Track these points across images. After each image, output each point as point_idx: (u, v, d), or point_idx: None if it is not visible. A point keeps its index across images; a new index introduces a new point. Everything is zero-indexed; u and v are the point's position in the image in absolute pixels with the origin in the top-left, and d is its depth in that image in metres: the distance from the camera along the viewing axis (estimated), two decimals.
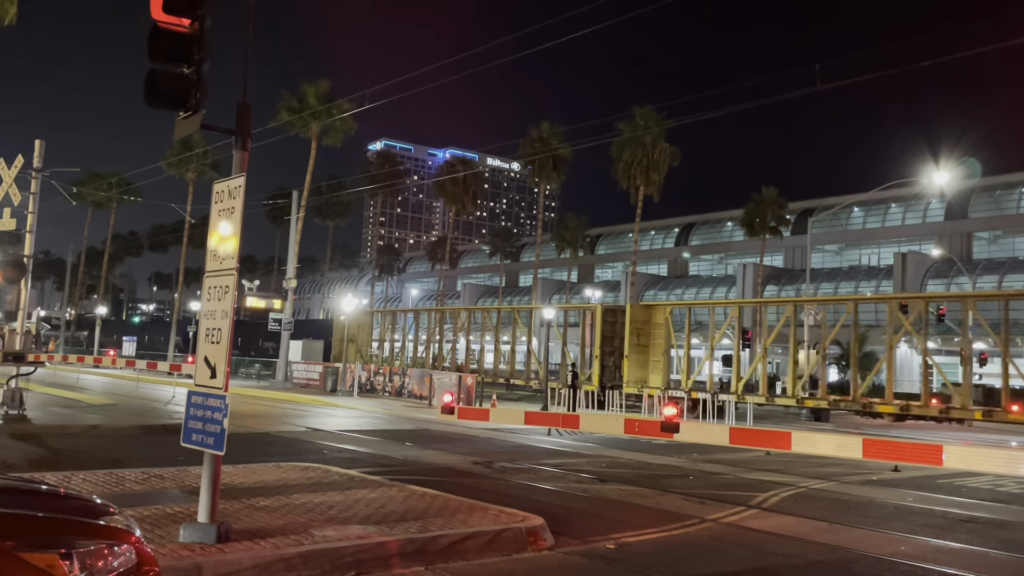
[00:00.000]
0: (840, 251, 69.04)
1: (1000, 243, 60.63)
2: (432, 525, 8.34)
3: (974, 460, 16.46)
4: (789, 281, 64.85)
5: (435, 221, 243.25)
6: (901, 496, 13.44)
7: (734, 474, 15.47)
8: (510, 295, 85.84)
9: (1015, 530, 10.86)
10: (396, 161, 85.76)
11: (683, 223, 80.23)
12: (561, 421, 22.22)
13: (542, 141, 57.04)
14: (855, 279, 62.72)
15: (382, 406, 30.45)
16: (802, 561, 8.51)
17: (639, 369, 31.99)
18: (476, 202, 74.15)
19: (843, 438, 19.48)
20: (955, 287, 53.41)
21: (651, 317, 32.64)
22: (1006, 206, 59.67)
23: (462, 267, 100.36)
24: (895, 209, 64.41)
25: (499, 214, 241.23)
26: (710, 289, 70.74)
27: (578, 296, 75.59)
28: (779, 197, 61.06)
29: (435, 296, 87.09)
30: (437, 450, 17.38)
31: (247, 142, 7.80)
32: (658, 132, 50.87)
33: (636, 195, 53.98)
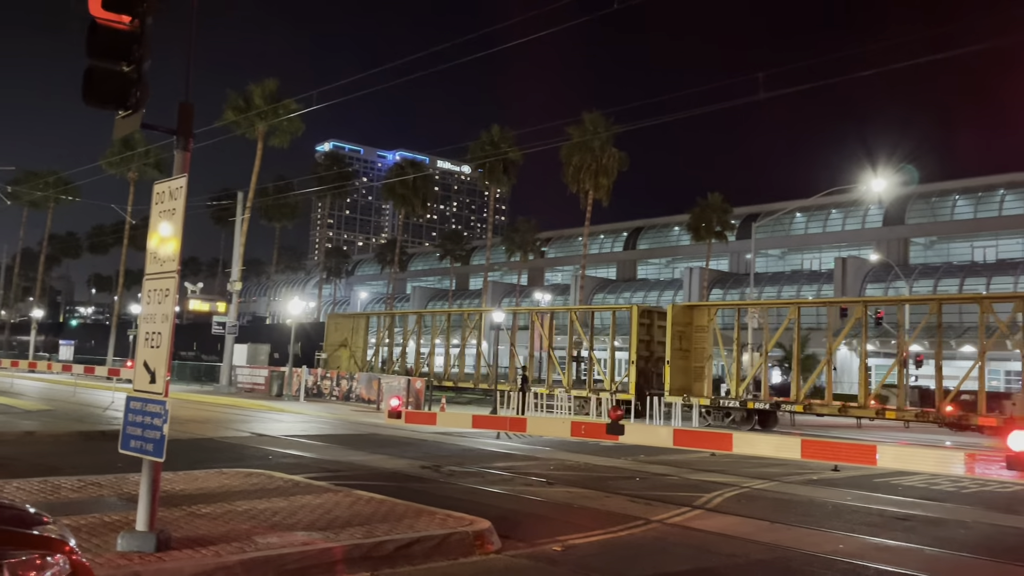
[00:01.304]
0: (783, 255, 70.55)
1: (935, 248, 62.64)
2: (378, 530, 8.28)
3: (908, 460, 16.98)
4: (734, 285, 66.02)
5: (384, 223, 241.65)
6: (840, 495, 13.78)
7: (679, 475, 15.68)
8: (460, 298, 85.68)
9: (949, 528, 11.21)
10: (345, 162, 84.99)
11: (632, 227, 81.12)
12: (509, 424, 22.30)
13: (493, 144, 57.12)
14: (797, 283, 64.15)
15: (329, 411, 30.11)
16: (744, 561, 8.67)
17: (682, 376, 29.06)
18: (426, 205, 73.86)
19: (782, 439, 19.94)
20: (892, 291, 55.01)
21: (692, 319, 29.75)
22: (941, 213, 61.71)
23: (412, 270, 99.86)
24: (836, 215, 66.08)
25: (449, 217, 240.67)
26: (657, 293, 71.61)
27: (528, 299, 75.85)
28: (724, 202, 62.22)
29: (384, 299, 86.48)
30: (385, 454, 17.26)
31: (189, 142, 7.66)
32: (607, 137, 51.39)
33: (585, 199, 54.41)
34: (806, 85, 46.48)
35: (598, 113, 52.20)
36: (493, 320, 37.02)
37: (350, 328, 43.56)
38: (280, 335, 49.86)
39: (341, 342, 42.95)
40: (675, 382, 28.65)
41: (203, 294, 58.83)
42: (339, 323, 44.60)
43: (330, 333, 43.33)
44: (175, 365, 48.30)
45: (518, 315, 41.13)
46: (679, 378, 28.80)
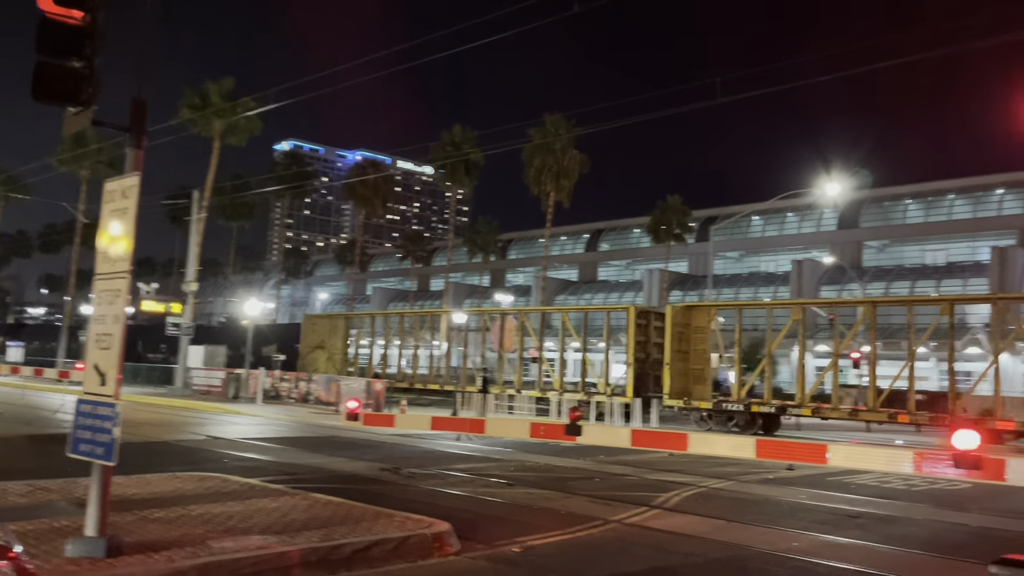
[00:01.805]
0: (741, 258, 71.54)
1: (888, 251, 64.03)
2: (336, 533, 8.20)
3: (858, 458, 17.34)
4: (693, 287, 66.75)
5: (345, 224, 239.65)
6: (795, 494, 14.00)
7: (638, 475, 15.80)
8: (421, 299, 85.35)
9: (900, 525, 11.46)
10: (304, 162, 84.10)
11: (593, 229, 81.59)
12: (468, 426, 22.27)
13: (454, 145, 57.01)
14: (755, 285, 65.08)
15: (287, 413, 29.77)
16: (701, 559, 8.76)
17: (681, 379, 28.00)
18: (387, 205, 73.47)
19: (737, 439, 20.23)
20: (847, 293, 56.08)
21: (691, 320, 28.71)
22: (893, 216, 63.11)
23: (372, 271, 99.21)
24: (792, 218, 67.19)
25: (411, 218, 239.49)
26: (618, 294, 72.10)
27: (489, 300, 75.85)
28: (683, 205, 62.94)
29: (344, 300, 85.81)
30: (344, 457, 17.11)
31: (142, 140, 7.52)
32: (568, 139, 51.64)
33: (547, 201, 54.62)
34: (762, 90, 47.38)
35: (559, 115, 52.46)
36: (454, 321, 36.91)
37: (328, 329, 41.84)
38: (237, 336, 49.13)
39: (317, 343, 41.43)
40: (674, 385, 27.67)
41: (158, 295, 57.77)
42: (316, 324, 42.97)
43: (306, 334, 41.68)
44: (129, 367, 47.30)
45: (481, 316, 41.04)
46: (678, 381, 27.82)
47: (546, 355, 36.00)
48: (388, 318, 42.24)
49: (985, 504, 13.80)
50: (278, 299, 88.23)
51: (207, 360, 43.18)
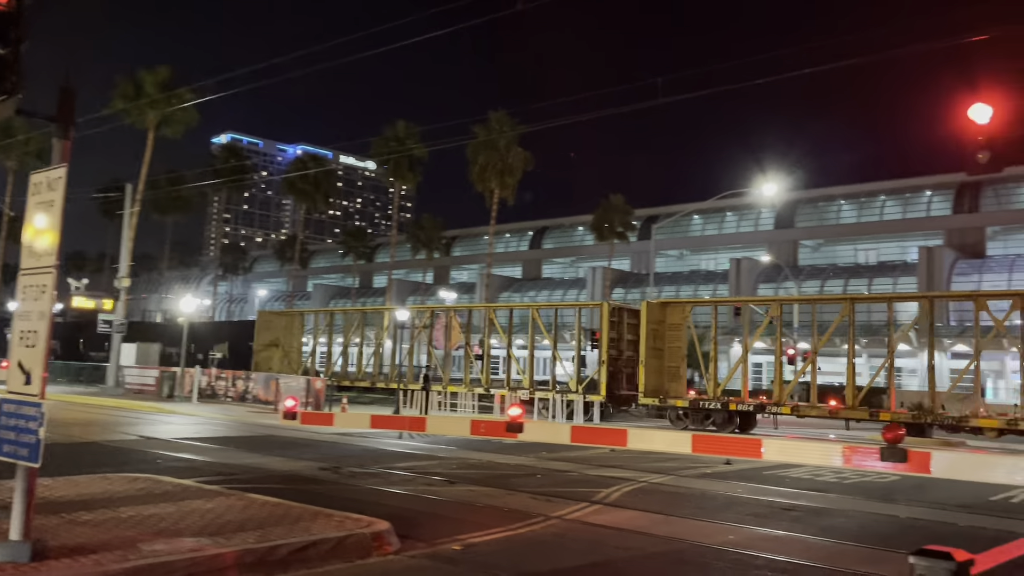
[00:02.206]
0: (682, 256, 72.68)
1: (822, 251, 65.82)
2: (272, 534, 8.06)
3: (791, 453, 17.79)
4: (635, 284, 67.56)
5: (285, 219, 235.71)
6: (732, 488, 14.28)
7: (580, 471, 15.91)
8: (364, 296, 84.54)
9: (831, 516, 11.78)
10: (242, 155, 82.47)
11: (537, 227, 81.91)
12: (408, 424, 22.15)
13: (398, 141, 56.56)
14: (695, 283, 66.21)
15: (224, 412, 29.16)
16: (640, 554, 8.87)
17: (656, 377, 27.47)
18: (328, 200, 72.47)
19: (675, 435, 20.55)
20: (783, 291, 57.44)
21: (665, 317, 28.16)
22: (827, 217, 64.89)
23: (313, 267, 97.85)
24: (731, 217, 68.54)
25: (353, 213, 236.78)
26: (562, 292, 72.55)
27: (434, 298, 75.53)
28: (626, 204, 63.63)
29: (284, 297, 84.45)
30: (282, 456, 16.83)
31: (70, 130, 7.26)
32: (512, 137, 51.74)
33: (491, 198, 54.66)
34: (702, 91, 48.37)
35: (503, 112, 52.56)
36: (397, 318, 36.64)
37: (283, 327, 40.66)
38: (172, 334, 47.87)
39: (272, 341, 39.85)
40: (649, 383, 27.17)
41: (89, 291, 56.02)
42: (270, 321, 41.50)
43: (260, 332, 40.04)
44: (58, 365, 45.71)
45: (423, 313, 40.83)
46: (653, 379, 27.32)
47: (493, 352, 36.02)
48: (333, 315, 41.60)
49: (912, 496, 14.28)
50: (215, 296, 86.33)
51: (140, 358, 42.04)
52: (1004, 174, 40.38)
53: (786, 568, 8.31)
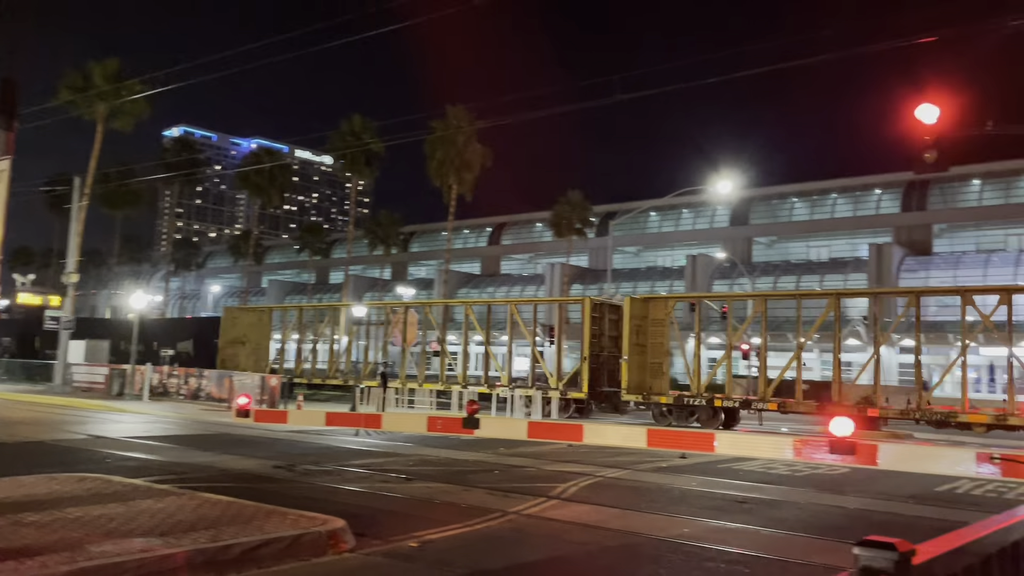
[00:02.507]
0: (639, 252, 73.30)
1: (776, 247, 66.92)
2: (225, 533, 7.93)
3: (743, 447, 18.07)
4: (593, 280, 67.95)
5: (239, 214, 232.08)
6: (687, 481, 14.46)
7: (537, 467, 15.96)
8: (320, 292, 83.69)
9: (783, 509, 12.00)
10: (195, 148, 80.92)
11: (495, 223, 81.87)
12: (364, 421, 22.00)
13: (354, 135, 56.09)
14: (652, 279, 66.84)
15: (176, 410, 28.65)
16: (596, 547, 8.93)
17: (639, 373, 27.23)
18: (284, 195, 71.62)
19: (630, 429, 20.73)
20: (737, 287, 58.29)
21: (648, 312, 27.80)
22: (780, 214, 65.99)
23: (268, 263, 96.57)
24: (687, 214, 69.31)
25: (309, 209, 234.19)
26: (520, 288, 72.67)
27: (391, 294, 75.09)
28: (584, 201, 63.96)
29: (238, 293, 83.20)
30: (236, 455, 16.59)
31: (13, 122, 7.04)
32: (470, 132, 51.66)
33: (449, 193, 54.51)
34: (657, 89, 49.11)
35: (461, 107, 52.44)
36: (354, 315, 36.34)
37: (251, 323, 39.08)
38: (123, 331, 46.82)
39: (239, 338, 38.50)
40: (632, 379, 26.95)
41: (35, 286, 54.56)
42: (237, 317, 39.94)
43: (226, 328, 38.80)
44: (8, 363, 44.48)
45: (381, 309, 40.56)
46: (636, 375, 27.07)
47: (451, 348, 35.95)
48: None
49: (861, 487, 14.61)
50: (167, 292, 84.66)
51: (89, 355, 41.06)
52: (950, 173, 41.51)
53: (738, 560, 8.43)
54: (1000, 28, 16.89)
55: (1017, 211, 55.63)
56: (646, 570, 7.97)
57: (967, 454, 16.80)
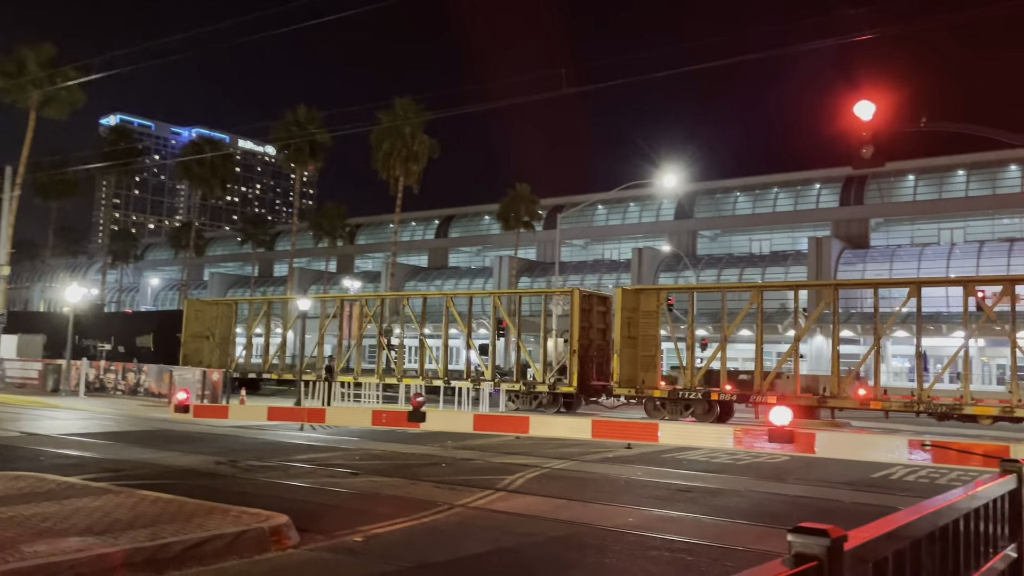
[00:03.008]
0: (586, 245, 73.80)
1: (719, 241, 68.07)
2: (164, 532, 7.76)
3: (686, 436, 18.36)
4: (541, 273, 68.23)
5: (179, 205, 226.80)
6: (632, 471, 14.63)
7: (484, 459, 15.97)
8: (264, 285, 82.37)
9: (725, 497, 12.23)
10: (133, 137, 78.64)
11: (443, 215, 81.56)
12: (307, 415, 21.73)
13: (299, 125, 55.19)
14: (599, 272, 67.39)
15: (113, 406, 27.90)
16: (542, 538, 8.98)
17: (630, 366, 26.60)
18: (225, 186, 70.01)
19: (576, 420, 20.90)
20: (682, 280, 59.15)
21: (640, 304, 27.13)
22: (724, 208, 67.12)
23: (210, 255, 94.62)
24: (633, 208, 70.02)
25: (252, 200, 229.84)
26: (468, 280, 72.56)
27: (337, 287, 74.27)
28: (532, 194, 64.10)
29: (178, 286, 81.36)
30: (177, 451, 16.24)
31: None
32: (417, 123, 51.29)
33: (396, 185, 54.05)
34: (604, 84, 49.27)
35: (408, 99, 52.01)
36: (299, 308, 35.84)
37: (215, 316, 37.65)
38: (57, 325, 45.32)
39: (202, 332, 37.00)
40: (623, 372, 26.37)
41: None
42: (201, 311, 38.22)
43: (189, 322, 37.15)
44: None
45: (327, 303, 40.07)
46: (627, 368, 26.48)
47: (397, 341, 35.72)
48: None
49: (800, 475, 14.98)
50: (103, 285, 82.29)
51: (21, 350, 39.69)
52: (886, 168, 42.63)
53: (681, 547, 8.57)
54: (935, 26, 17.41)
55: (949, 206, 57.58)
56: (591, 560, 8.04)
57: (900, 441, 17.35)
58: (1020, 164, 54.68)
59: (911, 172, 58.17)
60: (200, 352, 36.84)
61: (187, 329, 37.04)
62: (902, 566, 2.48)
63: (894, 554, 2.42)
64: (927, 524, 2.77)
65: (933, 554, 2.81)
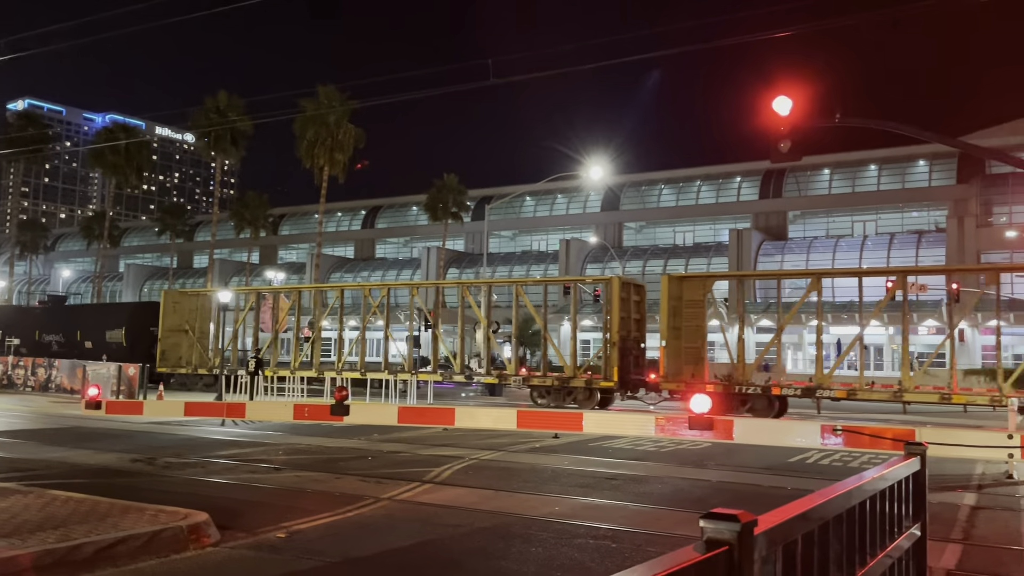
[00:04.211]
0: (514, 237, 74.08)
1: (644, 232, 69.23)
2: (76, 532, 7.46)
3: (609, 425, 18.65)
4: (469, 264, 68.17)
5: (93, 194, 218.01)
6: (559, 461, 14.77)
7: (411, 452, 15.89)
8: (183, 277, 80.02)
9: (649, 484, 12.47)
10: (43, 123, 75.12)
11: (370, 206, 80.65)
12: (226, 410, 21.21)
13: (219, 113, 53.63)
14: (527, 263, 67.75)
15: (23, 403, 26.71)
16: (468, 529, 8.98)
17: (674, 360, 25.03)
18: (142, 175, 67.56)
19: (500, 412, 20.98)
20: (608, 271, 59.93)
21: (683, 293, 25.41)
22: (649, 200, 68.28)
23: (125, 246, 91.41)
24: (561, 199, 70.59)
25: (171, 189, 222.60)
26: (396, 272, 71.98)
27: (260, 279, 72.67)
28: (460, 184, 63.91)
29: (91, 278, 78.29)
30: (90, 449, 15.64)
31: None
32: (342, 112, 50.46)
33: (321, 175, 53.11)
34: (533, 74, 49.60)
35: (333, 87, 51.16)
36: (219, 300, 34.91)
37: (194, 308, 34.85)
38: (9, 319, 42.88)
39: (180, 326, 34.24)
40: (669, 366, 24.96)
41: None
42: (179, 302, 35.24)
43: (167, 315, 34.28)
44: None
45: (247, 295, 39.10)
46: (672, 362, 25.04)
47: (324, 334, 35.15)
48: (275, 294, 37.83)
49: (722, 460, 15.38)
50: (11, 277, 78.56)
51: None
52: (804, 162, 44.06)
53: (606, 535, 8.69)
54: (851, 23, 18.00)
55: (863, 199, 59.89)
56: (517, 549, 8.08)
57: (813, 427, 17.98)
58: (928, 159, 57.25)
59: (827, 166, 60.26)
60: (179, 348, 34.26)
61: (164, 323, 34.31)
62: (811, 547, 2.56)
63: (803, 536, 2.49)
64: (836, 506, 2.86)
65: (841, 535, 2.91)
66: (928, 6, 17.16)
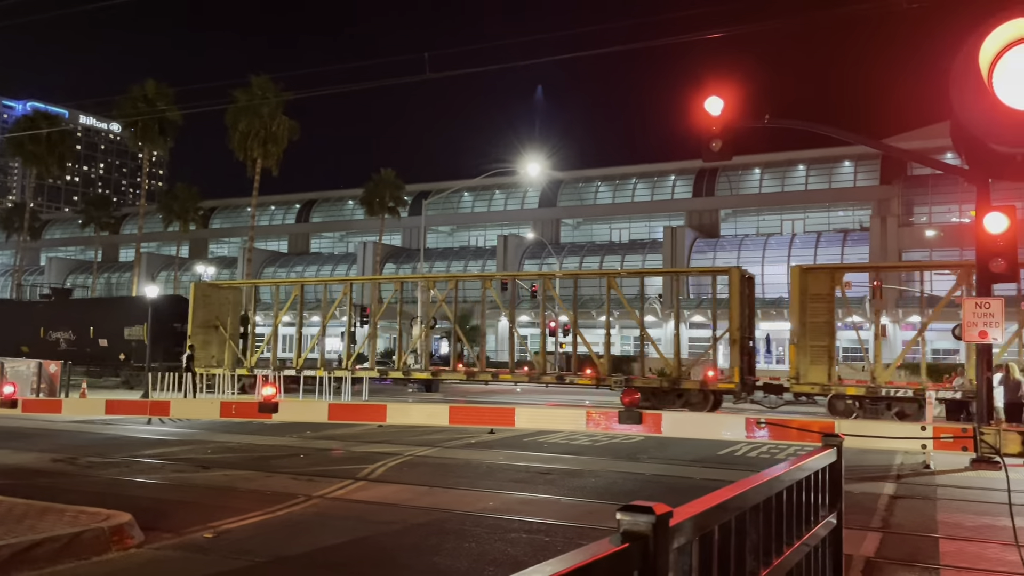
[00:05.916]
0: (452, 232, 73.90)
1: (581, 229, 69.86)
2: None
3: (542, 420, 18.75)
4: (406, 260, 67.74)
5: (12, 184, 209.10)
6: (494, 456, 14.81)
7: (346, 449, 15.73)
8: (109, 271, 77.52)
9: (583, 478, 12.59)
10: None
11: (305, 199, 79.40)
12: (148, 408, 20.62)
13: (147, 101, 52.07)
14: (465, 258, 67.65)
15: None
16: (402, 526, 8.94)
17: (800, 357, 23.07)
18: (64, 165, 65.27)
19: (433, 407, 20.90)
20: (546, 267, 60.30)
21: (808, 287, 23.39)
22: (586, 197, 68.90)
23: (47, 238, 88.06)
24: (499, 195, 70.69)
25: (95, 180, 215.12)
26: (331, 267, 71.03)
27: (189, 273, 70.84)
28: (397, 179, 63.45)
29: (10, 272, 75.17)
30: (8, 449, 15.02)
31: None
32: (276, 103, 49.59)
33: (253, 167, 52.08)
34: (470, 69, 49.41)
35: (267, 77, 50.20)
36: (148, 294, 33.90)
37: (226, 302, 31.59)
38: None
39: (211, 322, 31.08)
40: (799, 366, 23.19)
41: None
42: (210, 295, 31.69)
43: (197, 309, 30.82)
44: None
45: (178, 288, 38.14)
46: (801, 361, 23.23)
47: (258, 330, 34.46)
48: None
49: (654, 454, 15.65)
50: None
51: None
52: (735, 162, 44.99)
53: (540, 528, 8.76)
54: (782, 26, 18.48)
55: (791, 199, 61.56)
56: (451, 545, 8.08)
57: (739, 420, 18.35)
58: (853, 161, 59.17)
59: (757, 166, 61.75)
60: (209, 346, 31.01)
61: (194, 319, 30.83)
62: (728, 537, 2.63)
63: (720, 526, 2.55)
64: (754, 496, 2.94)
65: (758, 524, 2.99)
66: (855, 10, 17.73)
